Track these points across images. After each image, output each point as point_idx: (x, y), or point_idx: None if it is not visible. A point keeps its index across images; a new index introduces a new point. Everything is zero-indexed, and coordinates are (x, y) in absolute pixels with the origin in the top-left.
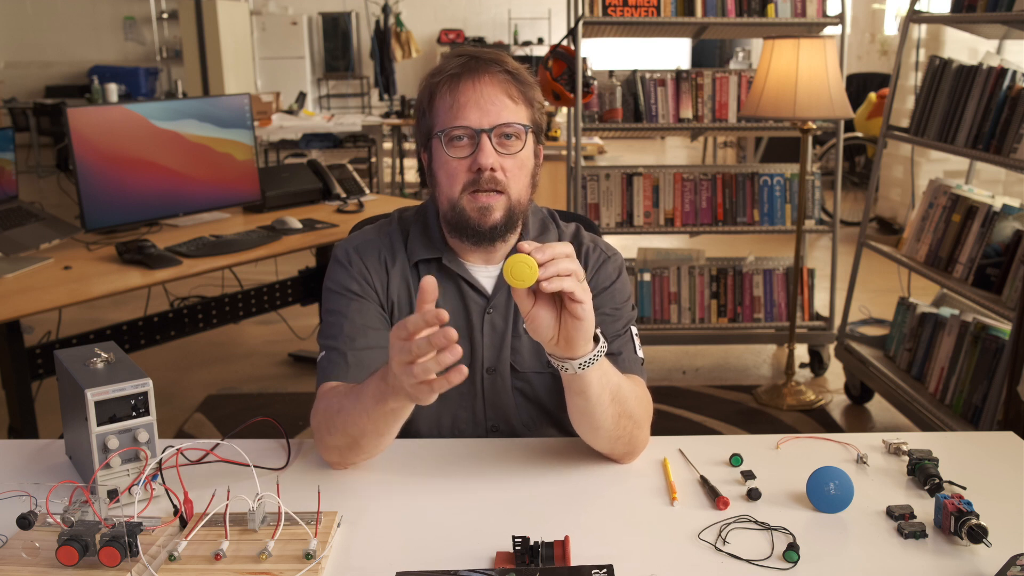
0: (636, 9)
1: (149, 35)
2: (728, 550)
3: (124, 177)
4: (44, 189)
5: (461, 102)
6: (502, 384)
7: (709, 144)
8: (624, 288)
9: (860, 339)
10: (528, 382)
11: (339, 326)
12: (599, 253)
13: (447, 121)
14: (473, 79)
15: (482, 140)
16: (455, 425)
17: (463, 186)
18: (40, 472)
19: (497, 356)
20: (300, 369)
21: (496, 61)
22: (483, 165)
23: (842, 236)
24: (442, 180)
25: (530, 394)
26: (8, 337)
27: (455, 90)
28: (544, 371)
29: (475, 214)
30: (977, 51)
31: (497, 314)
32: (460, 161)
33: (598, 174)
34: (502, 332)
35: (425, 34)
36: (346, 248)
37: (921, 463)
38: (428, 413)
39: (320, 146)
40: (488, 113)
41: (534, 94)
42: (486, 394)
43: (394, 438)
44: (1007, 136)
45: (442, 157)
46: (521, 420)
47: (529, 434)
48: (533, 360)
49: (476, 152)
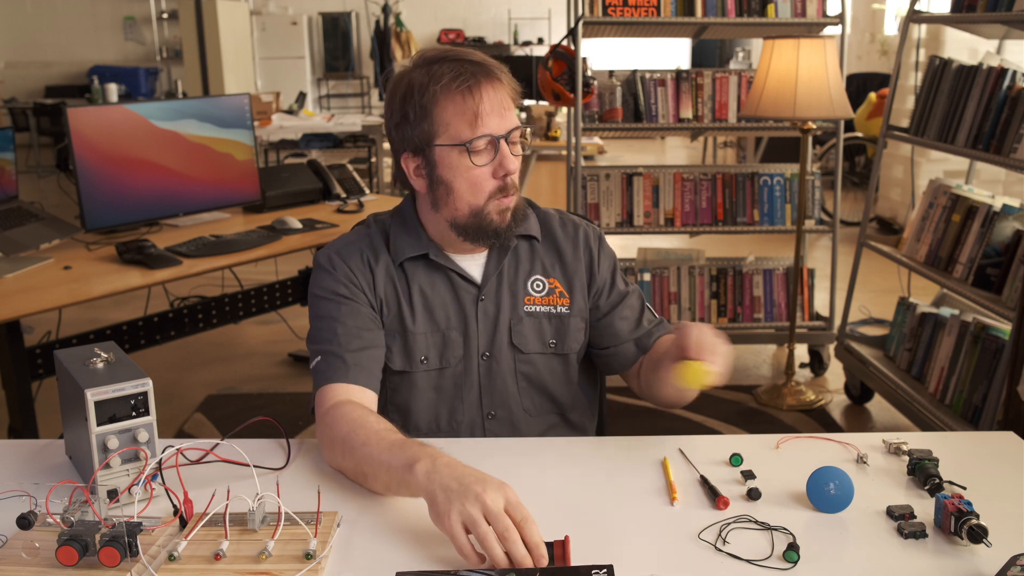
0: (636, 9)
1: (149, 35)
2: (728, 550)
3: (124, 177)
4: (44, 189)
5: (485, 110)
6: (497, 368)
7: (709, 144)
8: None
9: (860, 339)
10: (532, 364)
11: (332, 330)
12: (592, 230)
13: (468, 130)
14: (492, 86)
15: (502, 146)
16: (452, 416)
17: (490, 194)
18: (40, 472)
19: (491, 341)
20: (300, 369)
21: (497, 67)
22: (510, 170)
23: (842, 236)
24: (461, 188)
25: (534, 376)
26: (8, 337)
27: (477, 97)
28: (547, 352)
29: (498, 218)
30: (977, 51)
31: (489, 301)
32: (482, 169)
33: (598, 174)
34: (494, 317)
35: (425, 34)
36: (328, 254)
37: (921, 463)
38: (426, 406)
39: (320, 146)
40: (504, 119)
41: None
42: (482, 380)
43: None
44: (1007, 136)
45: (463, 165)
46: (523, 406)
47: (530, 421)
48: (536, 341)
49: (499, 158)
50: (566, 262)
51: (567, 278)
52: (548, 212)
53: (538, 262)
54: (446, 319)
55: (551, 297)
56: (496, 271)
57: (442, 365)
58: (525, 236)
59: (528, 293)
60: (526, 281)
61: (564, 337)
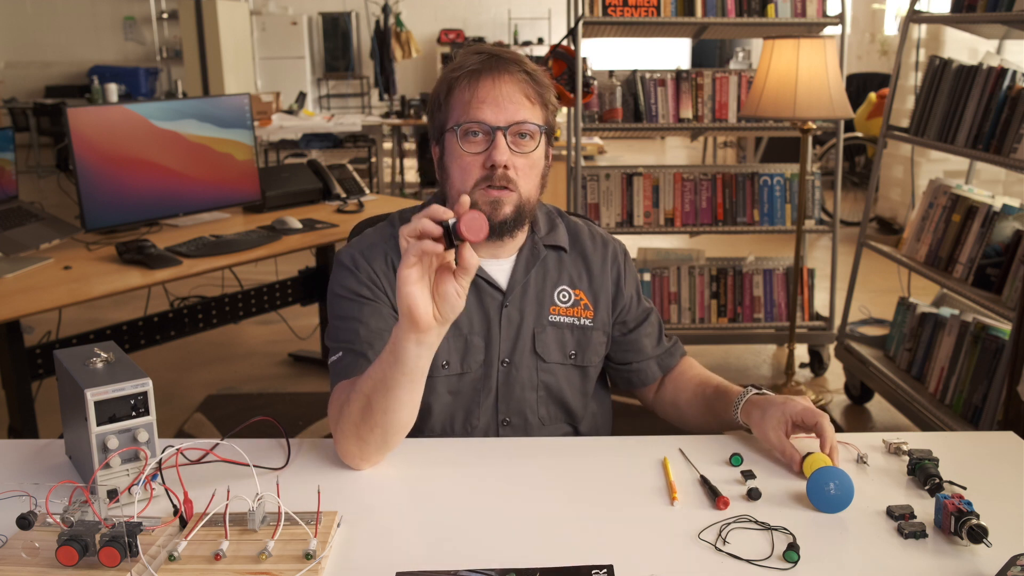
0: (636, 9)
1: (149, 35)
2: (728, 550)
3: (124, 177)
4: (44, 189)
5: (480, 98)
6: (516, 376)
7: (709, 144)
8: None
9: (860, 339)
10: (552, 373)
11: (354, 331)
12: (620, 246)
13: (463, 116)
14: (493, 77)
15: (497, 137)
16: (468, 420)
17: (475, 181)
18: (40, 472)
19: (513, 348)
20: (300, 369)
21: (516, 61)
22: (497, 162)
23: (842, 236)
24: (454, 173)
25: (552, 385)
26: (8, 337)
27: (474, 86)
28: (567, 363)
29: (486, 208)
30: (977, 51)
31: (513, 307)
32: (474, 156)
33: (598, 174)
34: (518, 324)
35: (425, 34)
36: (351, 253)
37: (921, 463)
38: (442, 409)
39: (320, 146)
40: (505, 111)
41: (550, 96)
42: (500, 387)
43: (405, 415)
44: (1007, 136)
45: (456, 151)
46: (538, 415)
47: (543, 430)
48: (558, 351)
49: (491, 149)
50: (593, 275)
51: (593, 291)
52: (577, 224)
53: (565, 273)
54: (469, 324)
55: (576, 309)
56: (524, 279)
57: (463, 370)
58: (553, 246)
59: (554, 303)
60: (553, 290)
61: (585, 349)
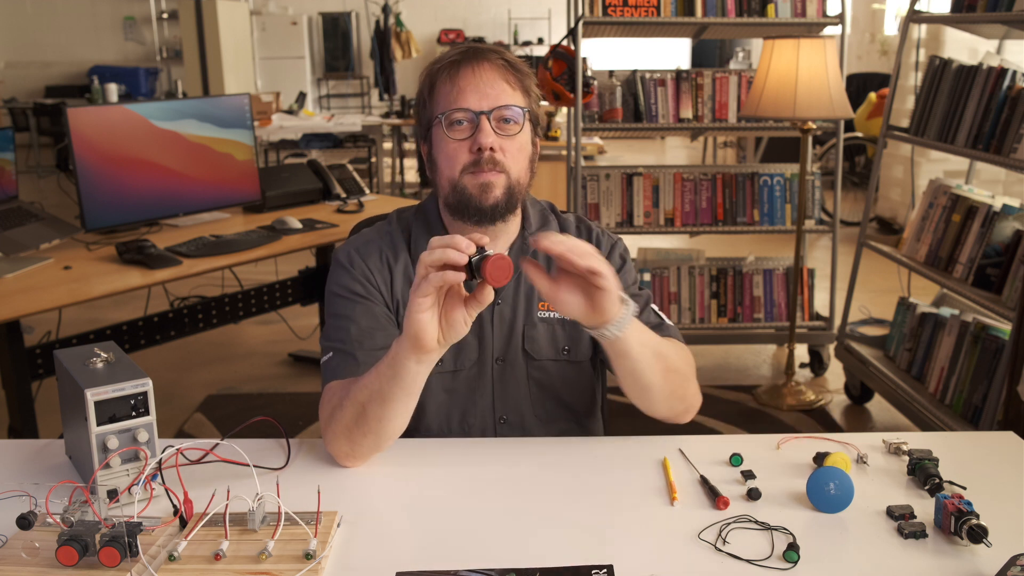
0: (636, 9)
1: (149, 35)
2: (728, 550)
3: (124, 177)
4: (44, 189)
5: (461, 86)
6: (511, 373)
7: (709, 144)
8: (632, 269)
9: (860, 339)
10: (544, 370)
11: (345, 329)
12: (607, 238)
13: (447, 106)
14: (472, 65)
15: (482, 121)
16: (464, 419)
17: (464, 166)
18: (40, 472)
19: (507, 345)
20: (300, 369)
21: (494, 50)
22: (483, 144)
23: (842, 236)
24: (442, 163)
25: (546, 383)
26: (8, 337)
27: (455, 76)
28: (560, 358)
29: (476, 191)
30: (977, 51)
31: (506, 305)
32: (460, 143)
33: (598, 174)
34: (510, 322)
35: (425, 34)
36: (347, 251)
37: (921, 463)
38: (438, 408)
39: (320, 146)
40: (487, 96)
41: (531, 84)
42: (495, 384)
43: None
44: (1007, 136)
45: (443, 141)
46: (535, 412)
47: (542, 427)
48: (549, 348)
49: (476, 133)
50: None
51: None
52: (567, 218)
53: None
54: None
55: None
56: (515, 276)
57: (456, 368)
58: None
59: (542, 299)
60: None
61: (577, 344)
